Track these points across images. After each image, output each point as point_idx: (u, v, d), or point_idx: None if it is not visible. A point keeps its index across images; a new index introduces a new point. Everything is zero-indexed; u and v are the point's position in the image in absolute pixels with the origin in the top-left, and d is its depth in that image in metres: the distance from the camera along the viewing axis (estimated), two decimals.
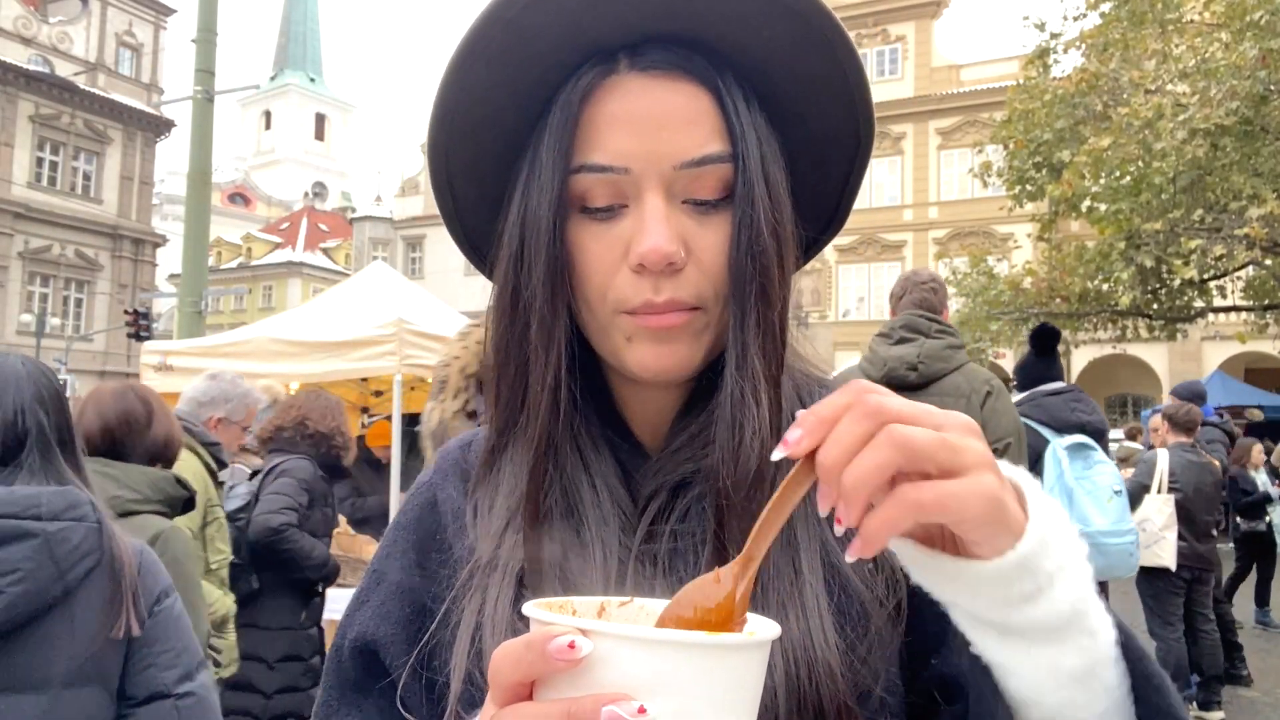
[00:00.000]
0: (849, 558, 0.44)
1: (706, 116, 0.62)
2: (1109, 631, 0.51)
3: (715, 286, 0.63)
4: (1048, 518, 0.48)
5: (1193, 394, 6.54)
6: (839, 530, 0.44)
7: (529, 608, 0.43)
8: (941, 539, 0.48)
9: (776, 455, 0.44)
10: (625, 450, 0.68)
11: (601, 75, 0.62)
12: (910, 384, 3.10)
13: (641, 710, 0.38)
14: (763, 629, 0.44)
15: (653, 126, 0.61)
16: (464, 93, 0.64)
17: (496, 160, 0.68)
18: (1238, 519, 8.39)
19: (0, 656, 1.40)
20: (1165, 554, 5.31)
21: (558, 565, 0.62)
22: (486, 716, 0.42)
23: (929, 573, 0.49)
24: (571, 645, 0.39)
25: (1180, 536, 5.39)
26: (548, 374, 0.63)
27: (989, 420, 3.11)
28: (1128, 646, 0.52)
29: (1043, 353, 4.33)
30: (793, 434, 0.44)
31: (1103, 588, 5.74)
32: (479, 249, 0.75)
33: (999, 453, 3.24)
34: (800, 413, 0.45)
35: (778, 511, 0.45)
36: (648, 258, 0.60)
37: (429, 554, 0.71)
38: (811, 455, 0.44)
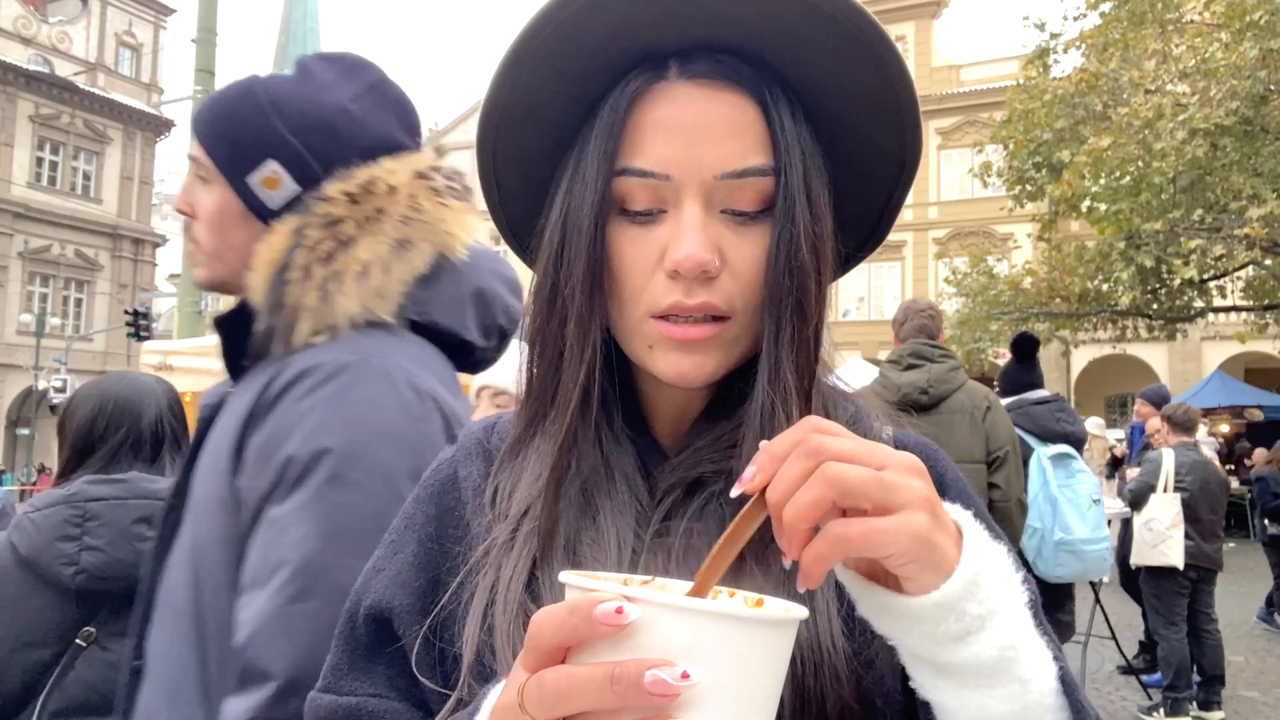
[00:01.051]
0: (799, 588, 0.46)
1: (751, 128, 0.63)
2: (1046, 681, 0.51)
3: (748, 297, 0.63)
4: (982, 563, 0.49)
5: (1160, 397, 6.63)
6: (785, 563, 0.46)
7: (566, 575, 0.44)
8: (883, 574, 0.49)
9: (734, 493, 0.46)
10: (643, 446, 0.69)
11: (650, 81, 0.63)
12: (922, 405, 3.44)
13: (685, 676, 0.38)
14: (795, 609, 0.45)
15: (696, 135, 0.62)
16: (514, 90, 0.66)
17: (541, 156, 0.70)
18: (1265, 521, 8.35)
19: None
20: (1173, 553, 5.30)
21: (572, 550, 0.63)
22: (517, 681, 0.43)
23: (866, 605, 0.50)
24: (619, 610, 0.39)
25: (1186, 536, 5.39)
26: (580, 370, 0.65)
27: (990, 431, 3.47)
28: (1070, 698, 0.53)
29: (1023, 359, 4.50)
30: (747, 471, 0.46)
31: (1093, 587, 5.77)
32: (520, 237, 0.77)
33: (999, 460, 3.46)
34: (762, 444, 0.48)
35: (730, 546, 0.47)
36: (682, 264, 0.60)
37: (446, 528, 0.72)
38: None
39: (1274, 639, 8.04)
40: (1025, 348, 4.52)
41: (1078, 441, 4.34)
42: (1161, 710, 5.37)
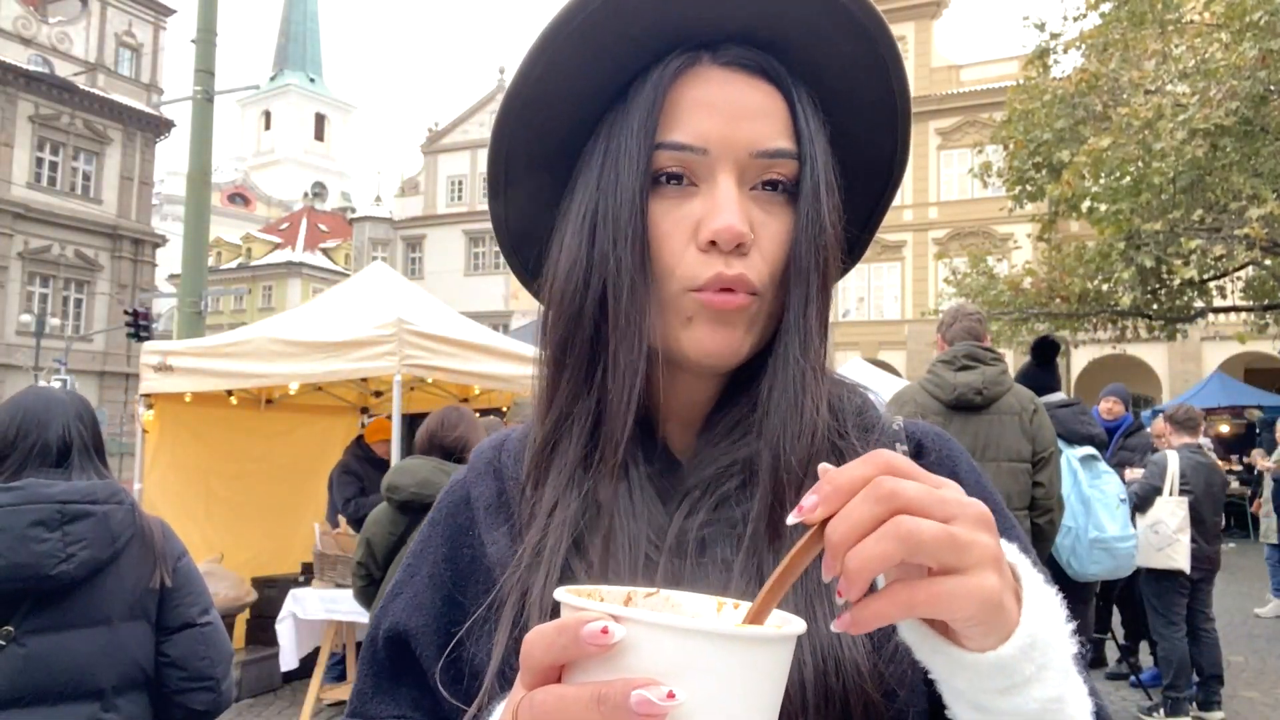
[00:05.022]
0: (835, 629, 0.45)
1: (779, 114, 0.66)
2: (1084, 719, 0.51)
3: (774, 275, 0.65)
4: (1040, 619, 0.48)
5: (1125, 394, 6.71)
6: (839, 601, 0.44)
7: (560, 593, 0.44)
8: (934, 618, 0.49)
9: (791, 520, 0.44)
10: (652, 449, 0.70)
11: (687, 64, 0.66)
12: (976, 405, 3.61)
13: (670, 695, 0.38)
14: (790, 624, 0.44)
15: (732, 114, 0.64)
16: (548, 66, 0.66)
17: (558, 141, 0.70)
18: None
19: (77, 600, 1.92)
20: (1179, 556, 5.27)
21: (593, 560, 0.63)
22: (516, 698, 0.43)
23: (914, 639, 0.50)
24: (604, 630, 0.39)
25: (1190, 538, 5.37)
26: (637, 343, 0.64)
27: (1037, 433, 3.63)
28: None
29: (1043, 363, 4.56)
30: (808, 500, 0.44)
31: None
32: (517, 242, 0.77)
33: (1044, 460, 3.59)
34: (821, 470, 0.45)
35: (787, 576, 0.45)
36: (720, 235, 0.62)
37: (460, 549, 0.73)
38: (825, 522, 0.44)
39: (1274, 639, 8.04)
40: (1046, 351, 4.61)
41: (1101, 444, 4.50)
42: (1161, 710, 5.36)
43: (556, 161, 0.71)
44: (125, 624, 1.98)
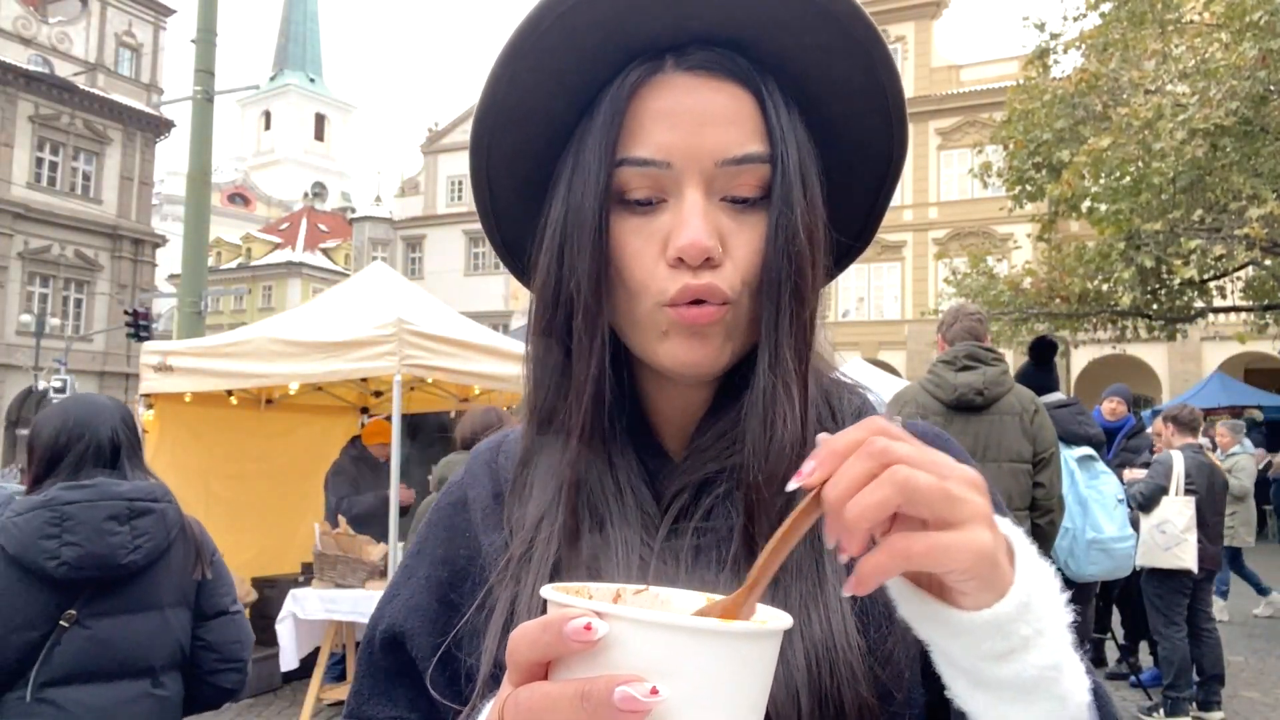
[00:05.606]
0: (845, 593, 0.45)
1: (748, 117, 0.63)
2: (1081, 695, 0.51)
3: (749, 284, 0.63)
4: (1035, 582, 0.48)
5: (1127, 395, 6.67)
6: (842, 559, 0.45)
7: (547, 590, 0.44)
8: (930, 580, 0.49)
9: (791, 486, 0.45)
10: (649, 450, 0.69)
11: (648, 73, 0.64)
12: (976, 406, 3.60)
13: (654, 692, 0.38)
14: (775, 619, 0.44)
15: (695, 123, 0.62)
16: (510, 88, 0.65)
17: (535, 157, 0.69)
18: None
19: (136, 587, 2.12)
20: (1187, 556, 5.26)
21: (584, 560, 0.63)
22: (503, 695, 0.43)
23: (912, 609, 0.50)
24: (588, 627, 0.39)
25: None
26: (591, 362, 0.64)
27: (1037, 433, 3.63)
28: (1103, 712, 0.54)
29: (1041, 363, 4.55)
30: (806, 466, 0.45)
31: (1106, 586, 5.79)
32: (510, 247, 0.76)
33: (1045, 461, 3.59)
34: (820, 438, 0.46)
35: (785, 541, 0.45)
36: (686, 251, 0.60)
37: (457, 550, 0.73)
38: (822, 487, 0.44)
39: (1274, 639, 8.04)
40: (1043, 352, 4.60)
41: (1098, 444, 4.51)
42: (1161, 710, 5.36)
43: (536, 174, 0.70)
44: (172, 610, 2.19)
